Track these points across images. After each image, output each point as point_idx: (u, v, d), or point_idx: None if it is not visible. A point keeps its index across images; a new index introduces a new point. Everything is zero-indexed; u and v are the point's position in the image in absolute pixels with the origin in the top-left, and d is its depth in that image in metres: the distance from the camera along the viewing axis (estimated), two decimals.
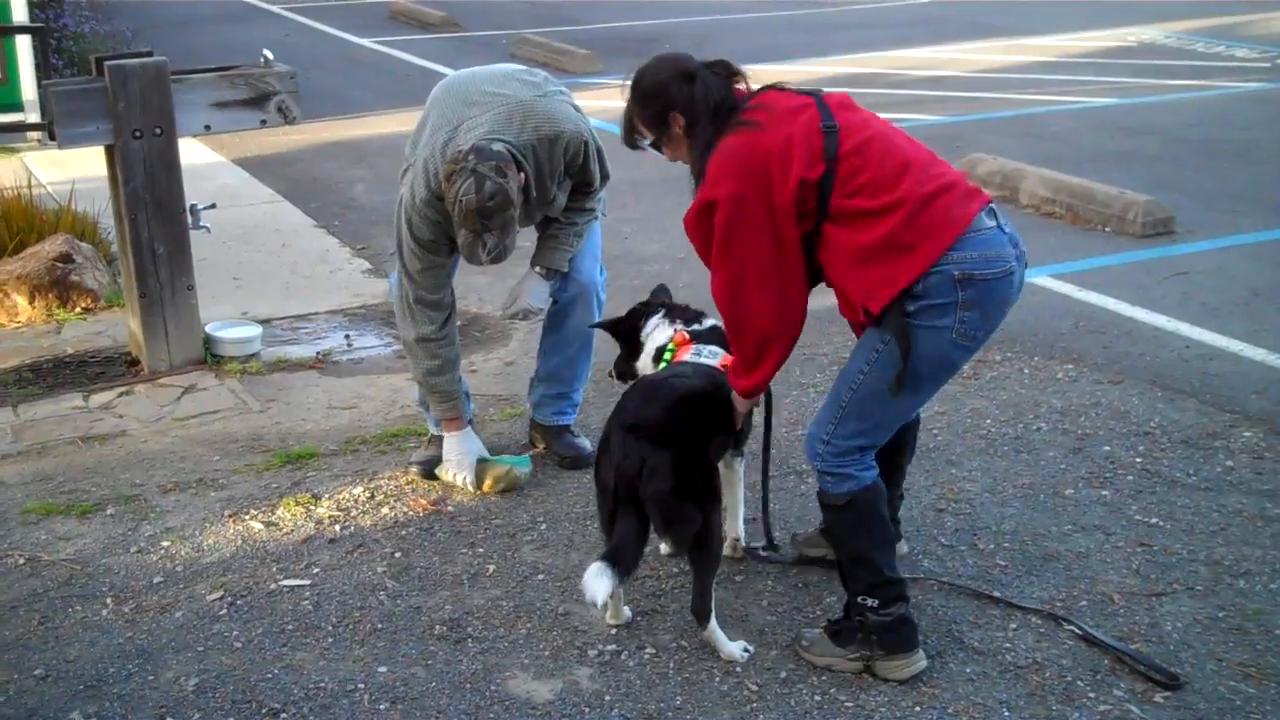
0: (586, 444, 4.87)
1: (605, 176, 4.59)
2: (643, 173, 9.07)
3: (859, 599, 3.57)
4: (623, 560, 3.47)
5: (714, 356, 3.89)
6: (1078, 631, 3.74)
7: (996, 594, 3.92)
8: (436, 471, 4.70)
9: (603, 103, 10.56)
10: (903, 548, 4.09)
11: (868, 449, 3.53)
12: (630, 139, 3.65)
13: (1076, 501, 4.50)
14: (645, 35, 14.86)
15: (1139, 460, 4.79)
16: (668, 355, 3.99)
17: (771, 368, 3.55)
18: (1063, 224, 7.91)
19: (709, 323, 4.08)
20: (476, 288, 6.71)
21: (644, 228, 7.86)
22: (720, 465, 3.83)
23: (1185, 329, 6.10)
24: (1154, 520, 4.38)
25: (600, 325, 4.47)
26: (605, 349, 5.80)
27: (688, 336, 4.01)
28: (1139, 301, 6.46)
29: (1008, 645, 3.69)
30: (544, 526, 4.40)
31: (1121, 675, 3.55)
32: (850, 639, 3.60)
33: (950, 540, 4.28)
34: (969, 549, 4.22)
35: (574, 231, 4.63)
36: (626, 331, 4.25)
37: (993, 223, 3.35)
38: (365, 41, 14.70)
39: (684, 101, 3.48)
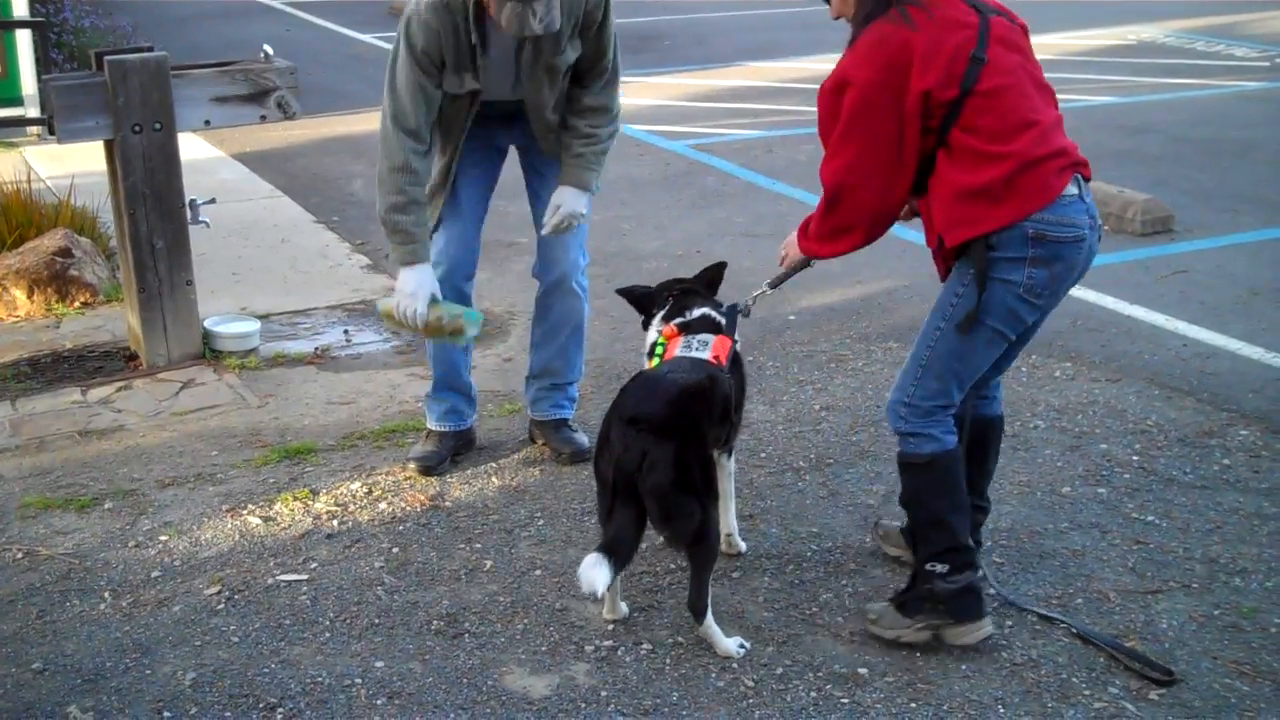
0: (584, 439, 4.87)
1: (617, 68, 4.53)
2: (640, 170, 9.10)
3: (928, 565, 3.64)
4: (619, 552, 3.47)
5: (704, 346, 3.90)
6: (1073, 629, 3.75)
7: (993, 590, 3.93)
8: (380, 305, 4.52)
9: None
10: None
11: (949, 408, 3.64)
12: None
13: (1073, 499, 4.50)
14: (644, 32, 14.87)
15: (1136, 458, 4.79)
16: (659, 350, 4.00)
17: (845, 248, 3.66)
18: None
19: (698, 311, 4.06)
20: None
21: (642, 225, 7.86)
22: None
23: (1183, 328, 6.10)
24: (1150, 518, 4.38)
25: (622, 292, 4.39)
26: (601, 344, 5.82)
27: (676, 330, 4.02)
28: (1137, 300, 6.47)
29: (1004, 642, 3.70)
30: (541, 522, 4.41)
31: (1117, 672, 3.56)
32: (918, 609, 3.66)
33: None
34: None
35: (599, 150, 4.53)
36: (646, 309, 4.29)
37: (1075, 191, 3.47)
38: (366, 37, 14.71)
39: None
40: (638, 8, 16.65)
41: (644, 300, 4.29)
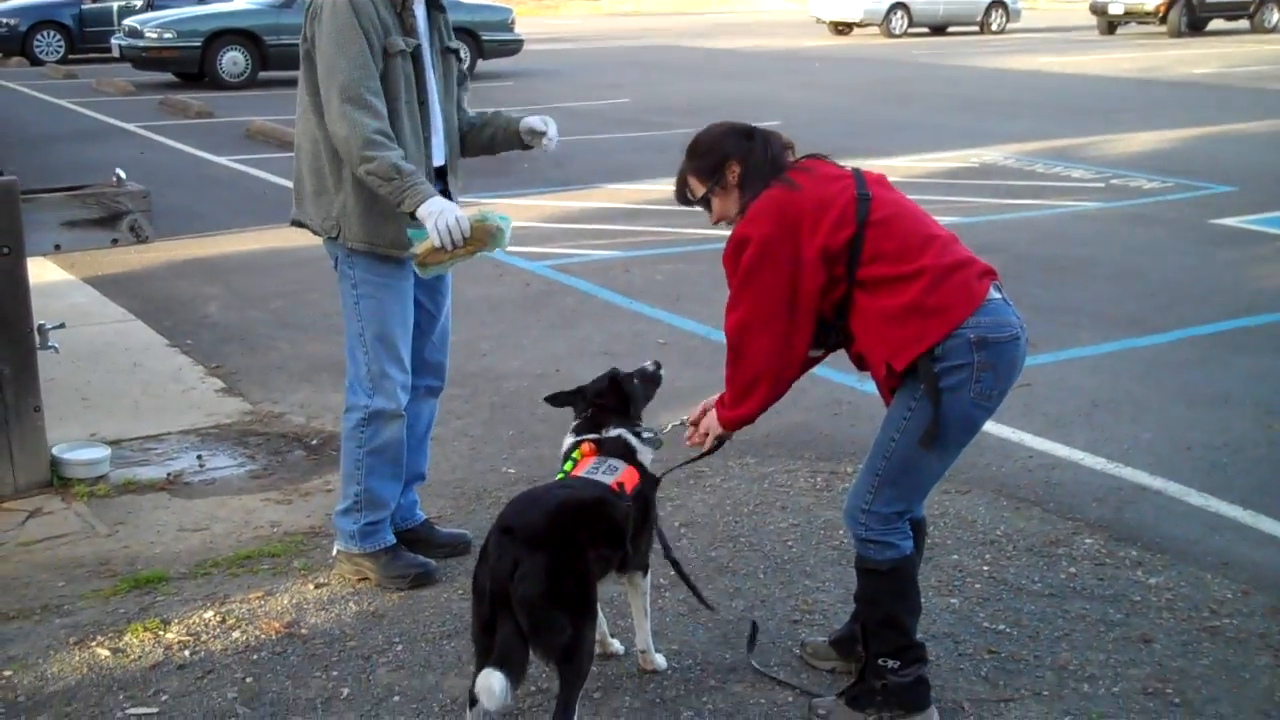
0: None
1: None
2: (500, 291, 9.15)
3: (880, 660, 3.82)
4: (511, 664, 3.41)
5: (611, 472, 3.91)
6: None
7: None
8: (416, 251, 4.33)
9: None
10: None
11: (905, 514, 3.81)
12: (681, 194, 3.92)
13: (926, 610, 4.54)
14: (504, 155, 15.00)
15: (986, 568, 4.90)
16: (568, 464, 4.03)
17: (756, 405, 3.80)
18: None
19: (614, 431, 4.12)
20: (332, 406, 6.68)
21: (502, 345, 7.90)
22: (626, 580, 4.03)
23: (1029, 439, 6.29)
24: (1001, 627, 4.48)
25: (551, 400, 4.40)
26: (460, 464, 5.79)
27: (594, 447, 4.06)
28: None
29: None
30: (400, 647, 4.35)
31: None
32: (869, 702, 3.83)
33: None
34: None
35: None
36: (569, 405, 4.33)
37: (999, 296, 3.68)
38: (222, 159, 14.63)
39: (741, 153, 3.78)
40: None
41: (566, 403, 4.32)
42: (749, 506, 5.49)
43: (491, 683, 3.33)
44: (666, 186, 3.97)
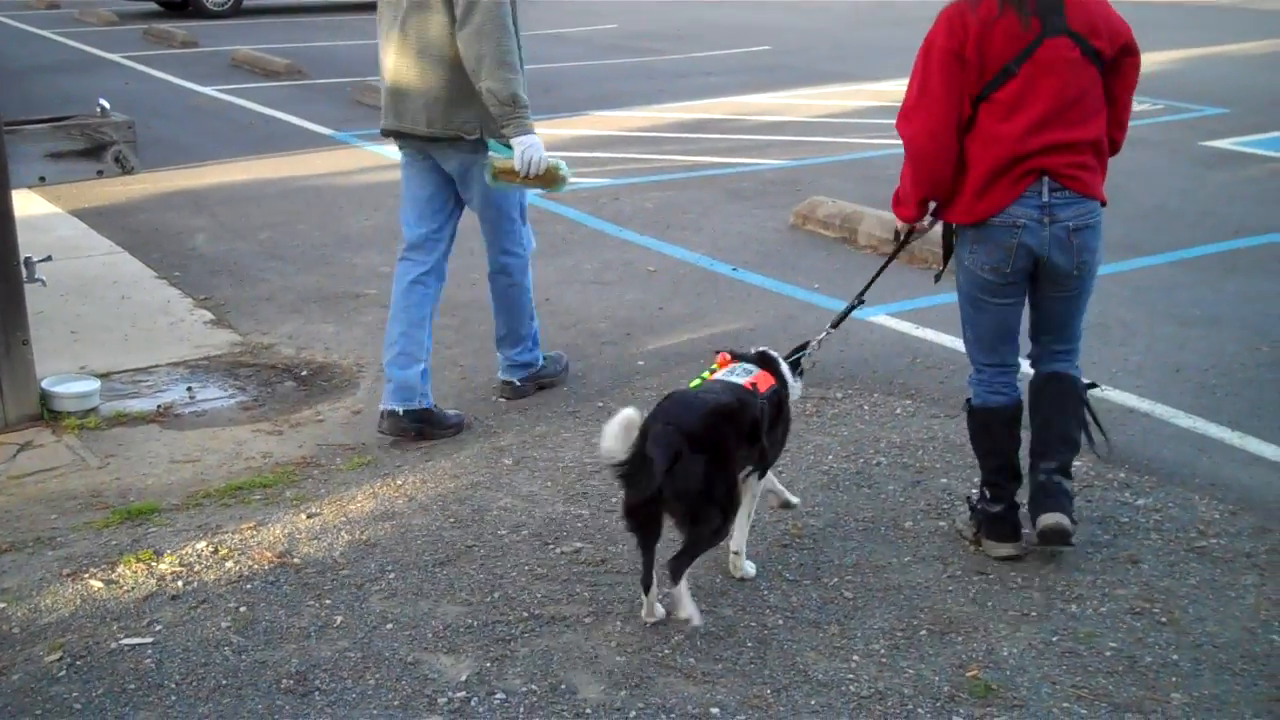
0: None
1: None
2: None
3: (982, 487, 4.52)
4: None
5: (745, 374, 4.23)
6: None
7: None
8: (496, 163, 5.19)
9: None
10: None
11: (991, 368, 4.48)
12: None
13: (916, 533, 4.62)
14: None
15: (975, 492, 4.92)
16: (705, 373, 4.32)
17: (922, 191, 4.32)
18: (899, 263, 8.09)
19: (757, 349, 4.50)
20: (322, 337, 6.68)
21: None
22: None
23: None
24: None
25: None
26: (450, 395, 5.80)
27: (730, 357, 4.37)
28: None
29: (850, 676, 3.77)
30: (392, 575, 4.38)
31: (960, 701, 3.65)
32: (973, 515, 4.54)
33: (795, 575, 4.36)
34: (813, 583, 4.31)
35: (492, 108, 5.22)
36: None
37: (1035, 192, 4.15)
38: (208, 89, 14.51)
39: None
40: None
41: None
42: None
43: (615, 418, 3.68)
44: (655, 113, 3.95)
